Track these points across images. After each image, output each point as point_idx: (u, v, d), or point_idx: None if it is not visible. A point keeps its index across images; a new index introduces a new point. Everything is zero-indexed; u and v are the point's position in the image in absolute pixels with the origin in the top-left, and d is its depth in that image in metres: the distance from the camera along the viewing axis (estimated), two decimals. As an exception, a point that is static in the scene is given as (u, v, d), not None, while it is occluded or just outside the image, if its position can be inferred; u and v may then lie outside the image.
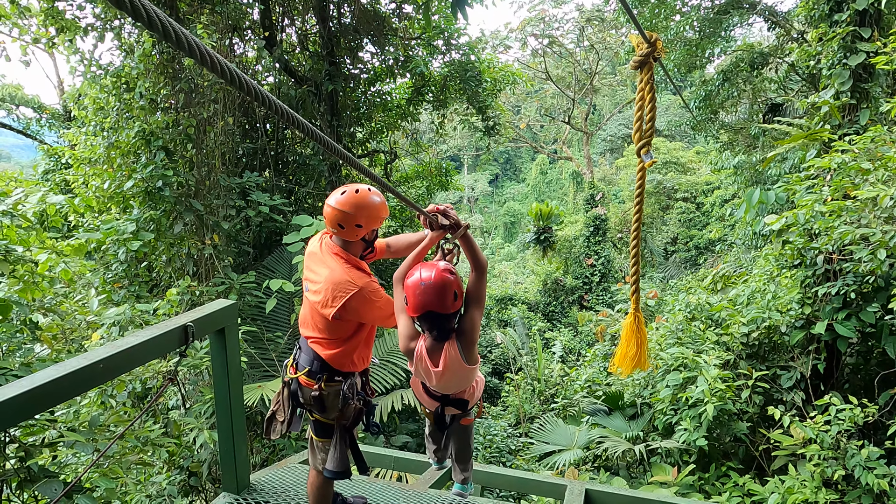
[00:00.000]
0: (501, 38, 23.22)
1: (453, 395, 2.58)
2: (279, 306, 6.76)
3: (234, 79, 1.16)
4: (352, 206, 2.39)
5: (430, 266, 2.33)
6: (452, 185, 12.78)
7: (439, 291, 2.26)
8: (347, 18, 9.61)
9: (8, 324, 3.54)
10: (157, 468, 5.16)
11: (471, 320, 2.40)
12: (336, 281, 2.39)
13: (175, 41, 1.04)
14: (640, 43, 2.42)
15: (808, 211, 5.37)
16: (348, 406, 2.57)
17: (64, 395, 2.11)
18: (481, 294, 2.42)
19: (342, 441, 2.65)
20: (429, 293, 2.26)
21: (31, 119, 17.07)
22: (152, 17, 0.98)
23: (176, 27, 1.03)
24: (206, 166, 7.14)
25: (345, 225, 2.42)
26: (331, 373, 2.56)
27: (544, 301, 21.48)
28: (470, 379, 2.53)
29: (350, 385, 2.56)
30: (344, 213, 2.39)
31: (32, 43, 7.94)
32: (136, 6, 0.95)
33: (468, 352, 2.38)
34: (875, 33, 6.04)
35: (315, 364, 2.56)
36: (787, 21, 12.84)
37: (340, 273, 2.42)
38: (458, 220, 2.42)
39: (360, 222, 2.43)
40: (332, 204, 2.41)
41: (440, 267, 2.31)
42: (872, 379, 5.74)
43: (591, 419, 7.92)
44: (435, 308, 2.28)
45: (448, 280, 2.28)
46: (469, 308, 2.41)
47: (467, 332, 2.38)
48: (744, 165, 12.87)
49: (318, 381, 2.55)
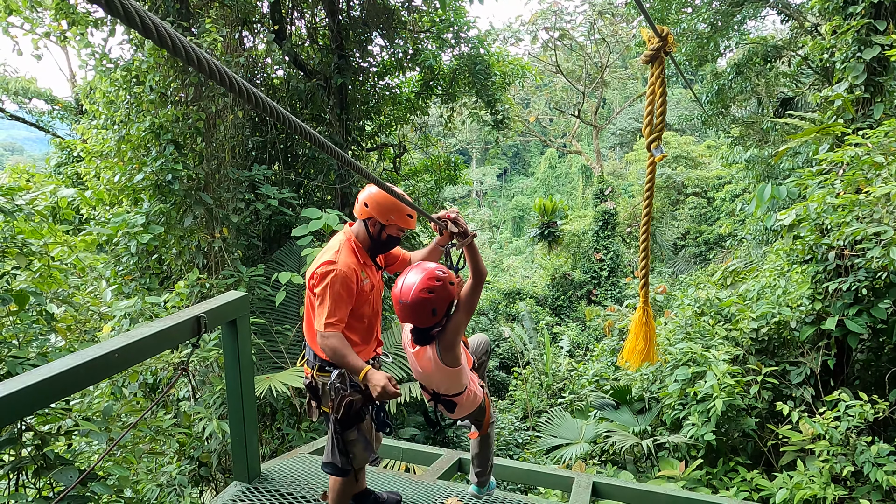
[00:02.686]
0: (513, 30, 23.11)
1: (443, 394, 2.64)
2: (288, 299, 6.80)
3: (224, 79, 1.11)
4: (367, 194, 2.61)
5: (411, 280, 2.40)
6: (461, 178, 12.77)
7: (414, 310, 2.38)
8: (357, 11, 9.60)
9: (24, 314, 3.60)
10: (167, 458, 5.23)
11: (454, 324, 2.45)
12: (328, 251, 2.56)
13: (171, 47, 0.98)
14: (652, 37, 2.41)
15: (820, 205, 5.32)
16: (340, 398, 2.54)
17: (80, 383, 2.15)
18: (473, 302, 2.49)
19: (333, 434, 2.66)
20: (405, 311, 2.40)
21: (44, 112, 17.20)
22: (146, 23, 0.94)
23: (171, 32, 1.00)
24: (215, 160, 7.18)
25: (357, 203, 2.62)
26: (322, 363, 2.60)
27: (552, 295, 21.46)
28: (456, 381, 2.57)
29: (340, 375, 2.53)
30: (360, 198, 2.62)
31: (44, 37, 7.99)
32: (130, 12, 0.90)
33: (446, 354, 2.45)
34: (890, 26, 5.95)
35: (310, 352, 2.65)
36: (800, 14, 12.68)
37: (335, 248, 2.57)
38: (466, 230, 2.52)
39: (369, 205, 2.59)
40: (365, 191, 2.62)
41: (419, 285, 2.36)
42: (883, 375, 5.70)
43: (599, 413, 7.92)
44: (412, 322, 2.46)
45: (424, 299, 2.35)
46: (456, 312, 2.47)
47: (447, 334, 2.46)
48: (756, 160, 12.75)
49: (312, 370, 2.64)
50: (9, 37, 7.99)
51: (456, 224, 2.51)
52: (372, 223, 2.61)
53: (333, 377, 2.54)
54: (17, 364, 3.18)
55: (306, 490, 3.25)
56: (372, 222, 2.61)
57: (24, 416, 2.63)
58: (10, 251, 3.86)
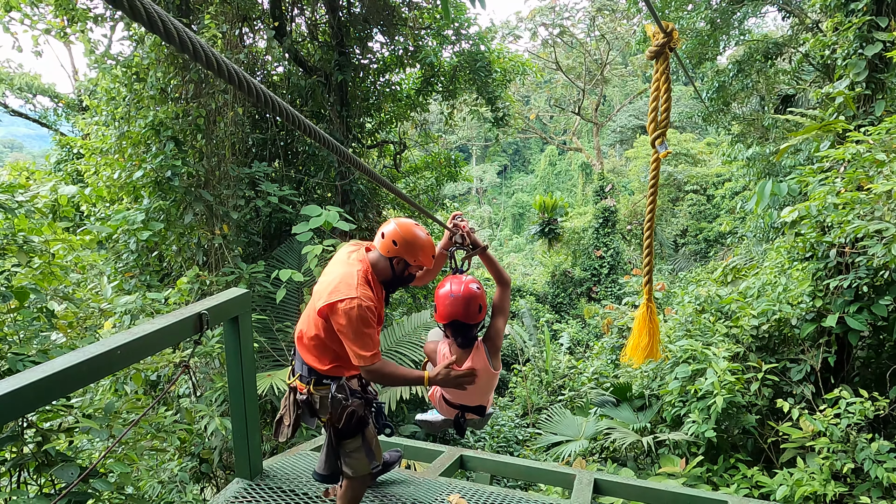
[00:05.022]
0: (511, 27, 23.05)
1: (476, 405, 2.73)
2: (289, 296, 6.80)
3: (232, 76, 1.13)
4: (392, 229, 2.54)
5: (458, 280, 2.59)
6: (461, 176, 12.75)
7: (466, 303, 2.52)
8: (357, 8, 9.57)
9: (25, 311, 3.59)
10: (169, 455, 5.23)
11: (496, 329, 2.65)
12: (344, 281, 2.42)
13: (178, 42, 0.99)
14: (656, 33, 2.40)
15: (821, 203, 5.32)
16: (343, 408, 2.55)
17: (83, 380, 2.14)
18: (505, 306, 2.70)
19: (329, 444, 2.68)
20: (457, 304, 2.52)
21: (48, 109, 17.15)
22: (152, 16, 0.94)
23: (178, 26, 1.00)
24: (215, 156, 7.16)
25: (378, 237, 2.57)
26: (318, 377, 2.57)
27: (552, 293, 21.47)
28: (493, 386, 2.73)
29: (340, 388, 2.54)
30: (382, 233, 2.56)
31: (44, 33, 7.96)
32: (135, 6, 0.91)
33: (494, 358, 2.62)
34: (892, 22, 5.94)
35: (304, 368, 2.59)
36: (801, 10, 12.66)
37: (352, 278, 2.43)
38: (475, 241, 2.73)
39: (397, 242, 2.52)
40: (393, 227, 2.54)
41: (467, 281, 2.57)
42: (884, 372, 5.70)
43: (599, 410, 7.92)
44: (460, 318, 2.54)
45: (474, 294, 2.54)
46: (494, 317, 2.68)
47: (493, 338, 2.64)
48: (757, 157, 12.74)
49: (308, 385, 2.58)
50: (9, 33, 7.97)
51: (466, 236, 2.72)
52: (397, 261, 2.54)
53: (333, 390, 2.53)
54: (17, 361, 3.18)
55: (308, 487, 3.25)
56: (397, 260, 2.53)
57: (26, 413, 2.62)
58: (11, 248, 3.86)
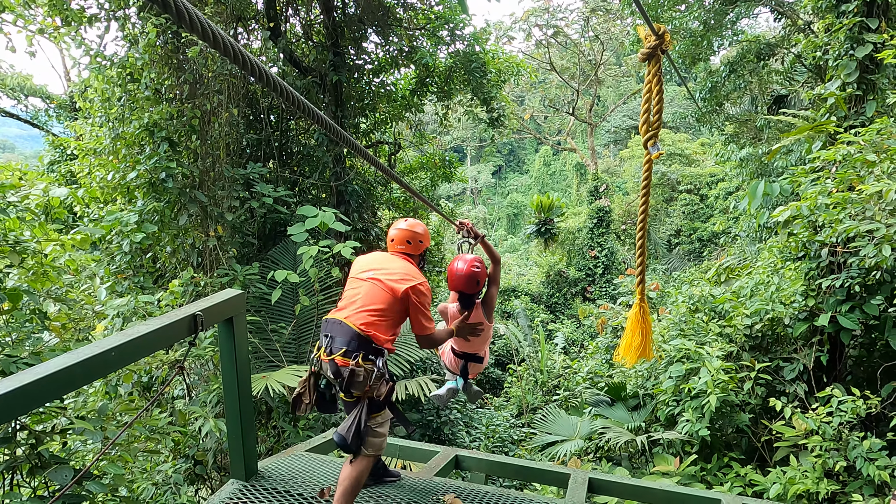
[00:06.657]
0: (505, 28, 23.08)
1: (473, 352, 3.63)
2: (283, 297, 6.78)
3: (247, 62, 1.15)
4: (422, 230, 3.27)
5: (464, 260, 3.38)
6: (456, 176, 12.77)
7: (468, 280, 3.34)
8: (352, 8, 9.56)
9: (18, 313, 3.57)
10: (163, 456, 5.21)
11: (490, 295, 3.61)
12: (410, 270, 3.07)
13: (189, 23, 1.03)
14: (648, 35, 2.42)
15: (813, 203, 5.36)
16: (383, 382, 2.87)
17: (77, 382, 2.14)
18: (497, 277, 3.66)
19: (360, 412, 2.86)
20: (461, 279, 3.35)
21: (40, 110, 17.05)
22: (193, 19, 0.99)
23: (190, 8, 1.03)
24: (210, 157, 7.14)
25: (412, 241, 3.19)
26: (367, 351, 2.82)
27: (547, 293, 21.51)
28: (488, 337, 3.65)
29: (385, 362, 2.91)
30: (416, 234, 3.21)
31: (38, 33, 7.92)
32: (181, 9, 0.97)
33: (489, 314, 3.56)
34: (882, 24, 5.99)
35: (353, 343, 2.81)
36: (793, 12, 12.74)
37: (412, 267, 3.10)
38: (477, 233, 3.68)
39: (424, 241, 3.24)
40: (405, 227, 3.21)
41: (470, 262, 3.35)
42: (875, 371, 5.75)
43: (594, 410, 7.95)
44: (463, 290, 3.39)
45: (475, 272, 3.35)
46: (490, 286, 3.60)
47: (488, 302, 3.58)
48: (749, 158, 12.82)
49: (354, 359, 2.77)
50: (2, 34, 7.91)
51: (471, 231, 3.69)
52: (421, 254, 3.21)
53: (380, 364, 2.83)
54: (10, 363, 3.16)
55: (303, 487, 3.25)
56: (422, 254, 3.21)
57: (19, 415, 2.61)
58: (3, 249, 3.84)
